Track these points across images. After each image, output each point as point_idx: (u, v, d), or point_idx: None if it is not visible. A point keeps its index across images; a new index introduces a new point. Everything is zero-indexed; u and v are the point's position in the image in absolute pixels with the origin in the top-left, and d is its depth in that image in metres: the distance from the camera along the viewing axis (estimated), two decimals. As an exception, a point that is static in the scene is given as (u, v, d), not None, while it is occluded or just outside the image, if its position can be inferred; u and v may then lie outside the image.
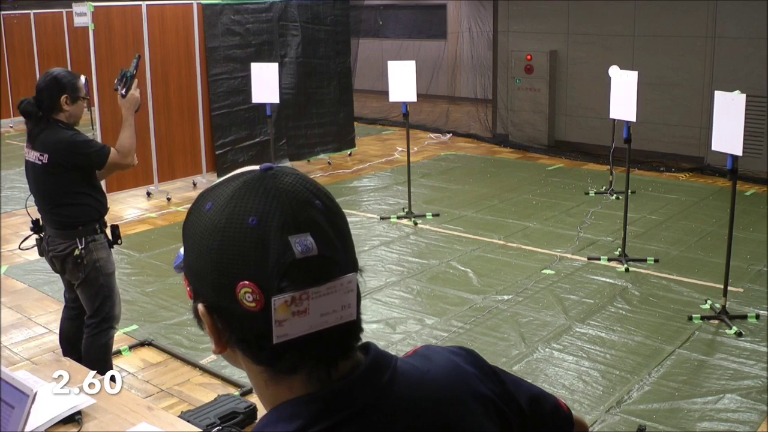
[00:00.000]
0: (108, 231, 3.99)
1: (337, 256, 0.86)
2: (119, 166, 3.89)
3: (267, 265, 0.82)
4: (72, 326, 4.15)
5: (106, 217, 3.98)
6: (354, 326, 0.89)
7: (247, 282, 0.82)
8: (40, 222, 3.92)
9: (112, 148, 3.82)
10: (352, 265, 0.89)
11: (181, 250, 0.93)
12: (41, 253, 3.99)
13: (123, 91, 3.86)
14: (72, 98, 3.78)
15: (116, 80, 3.89)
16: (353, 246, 0.93)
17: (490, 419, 0.99)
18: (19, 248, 4.10)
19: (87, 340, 3.97)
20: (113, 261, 4.02)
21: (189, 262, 0.90)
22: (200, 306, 0.88)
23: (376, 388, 0.89)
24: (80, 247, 3.79)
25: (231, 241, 0.83)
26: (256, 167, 0.90)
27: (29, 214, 3.99)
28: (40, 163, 3.76)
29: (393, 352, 0.99)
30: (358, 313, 0.89)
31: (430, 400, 0.94)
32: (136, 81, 3.91)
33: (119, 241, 4.05)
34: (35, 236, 3.96)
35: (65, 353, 4.15)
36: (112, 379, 2.59)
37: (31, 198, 3.97)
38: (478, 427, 0.97)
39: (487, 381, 1.04)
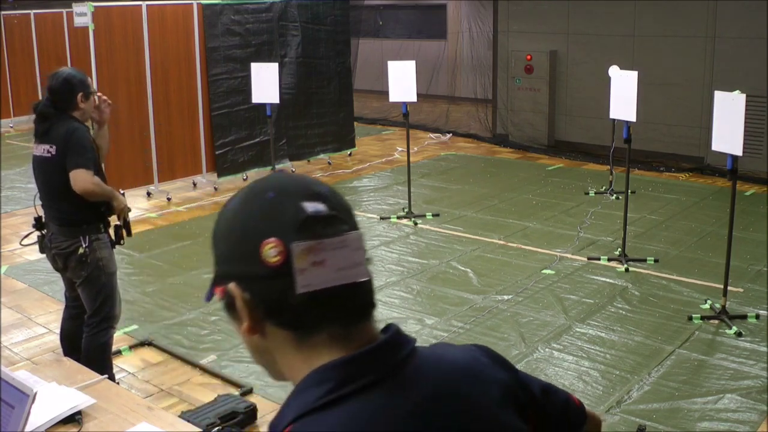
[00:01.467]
0: (111, 231, 3.99)
1: (344, 217, 0.97)
2: (83, 188, 3.74)
3: (285, 223, 0.93)
4: (72, 325, 4.15)
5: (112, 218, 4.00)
6: (367, 289, 0.97)
7: (268, 239, 0.92)
8: (43, 219, 3.93)
9: (88, 173, 3.74)
10: (357, 229, 0.99)
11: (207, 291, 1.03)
12: (42, 250, 4.00)
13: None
14: (86, 95, 3.87)
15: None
16: (356, 222, 1.01)
17: (505, 402, 1.05)
18: (21, 244, 4.10)
19: (87, 339, 3.98)
20: (115, 261, 4.03)
21: (217, 254, 1.00)
22: (231, 285, 0.96)
23: (397, 357, 0.96)
24: (84, 246, 3.80)
25: (252, 212, 0.95)
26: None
27: (36, 211, 4.00)
28: (48, 155, 3.79)
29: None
30: (370, 286, 0.98)
31: (448, 376, 1.00)
32: None
33: (122, 242, 4.05)
34: (37, 233, 3.97)
35: (66, 352, 4.15)
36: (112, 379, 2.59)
37: (38, 195, 3.99)
38: (495, 406, 1.02)
39: (501, 369, 1.09)
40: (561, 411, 1.18)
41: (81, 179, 3.72)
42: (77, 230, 3.83)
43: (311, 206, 0.94)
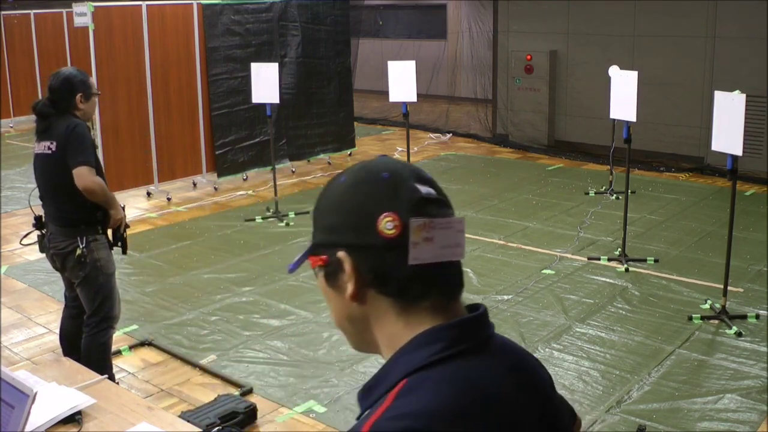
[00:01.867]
0: (109, 232, 3.99)
1: (448, 203, 1.08)
2: (84, 185, 3.73)
3: (401, 201, 1.02)
4: (72, 325, 4.15)
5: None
6: (460, 269, 1.08)
7: (387, 212, 1.01)
8: (43, 218, 3.93)
9: (91, 171, 3.74)
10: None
11: (295, 259, 1.11)
12: (42, 250, 4.00)
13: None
14: (86, 95, 3.87)
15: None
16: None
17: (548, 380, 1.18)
18: (21, 243, 4.10)
19: (86, 339, 3.98)
20: (114, 261, 4.04)
21: (324, 222, 1.08)
22: (341, 253, 1.04)
23: (489, 330, 1.08)
24: (81, 246, 3.80)
25: (371, 188, 1.04)
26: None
27: (33, 210, 4.00)
28: (49, 152, 3.79)
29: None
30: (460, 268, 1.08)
31: (522, 355, 1.15)
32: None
33: (119, 244, 4.05)
34: (37, 233, 3.97)
35: (65, 352, 4.16)
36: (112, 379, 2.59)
37: (35, 194, 3.98)
38: (550, 389, 1.16)
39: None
40: (562, 406, 1.23)
41: (84, 176, 3.71)
42: (75, 230, 3.83)
43: (424, 189, 1.04)
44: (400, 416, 0.94)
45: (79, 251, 3.80)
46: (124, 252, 4.12)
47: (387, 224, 1.00)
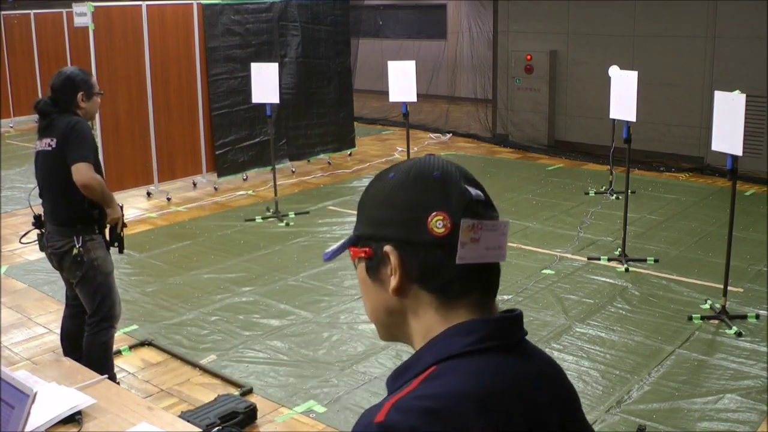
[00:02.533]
0: (107, 232, 3.99)
1: (494, 206, 1.11)
2: (82, 181, 3.70)
3: (452, 201, 1.05)
4: (73, 324, 4.15)
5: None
6: (499, 271, 1.10)
7: (437, 212, 1.03)
8: (42, 218, 3.94)
9: (89, 167, 3.73)
10: None
11: (331, 248, 1.12)
12: (42, 249, 4.00)
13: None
14: (87, 95, 3.87)
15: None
16: None
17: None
18: (20, 242, 4.10)
19: (87, 339, 3.98)
20: (111, 260, 4.03)
21: (371, 216, 1.09)
22: (387, 247, 1.05)
23: (522, 331, 1.09)
24: (77, 245, 3.80)
25: (422, 186, 1.06)
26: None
27: (33, 209, 4.00)
28: (49, 148, 3.79)
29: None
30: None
31: (553, 365, 1.15)
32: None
33: (115, 244, 4.03)
34: (36, 231, 3.97)
35: (66, 351, 4.16)
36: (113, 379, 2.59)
37: (35, 192, 3.98)
38: (576, 406, 1.16)
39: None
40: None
41: (82, 172, 3.70)
42: (72, 230, 3.83)
43: (473, 191, 1.08)
44: (424, 397, 0.96)
45: (75, 251, 3.80)
46: (121, 251, 4.11)
47: (437, 222, 1.03)
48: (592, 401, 4.10)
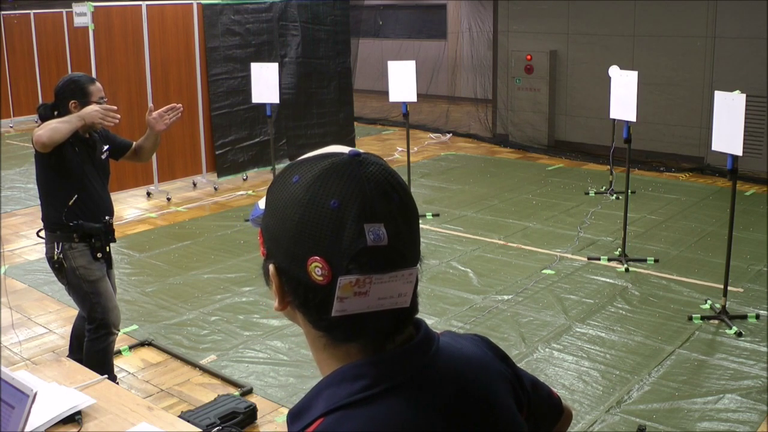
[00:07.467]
0: (93, 241, 3.84)
1: (404, 249, 0.93)
2: (36, 141, 3.57)
3: (340, 247, 0.89)
4: (83, 324, 4.15)
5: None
6: (407, 312, 0.96)
7: (318, 258, 0.89)
8: None
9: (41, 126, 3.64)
10: (416, 258, 0.97)
11: (260, 203, 1.00)
12: None
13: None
14: (81, 103, 3.75)
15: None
16: (419, 239, 0.99)
17: (509, 395, 1.09)
18: (37, 235, 4.06)
19: (86, 344, 3.98)
20: (98, 268, 3.89)
21: (268, 224, 0.96)
22: (271, 266, 0.95)
23: (426, 356, 0.98)
24: (57, 251, 3.79)
25: (311, 217, 0.90)
26: (345, 149, 0.96)
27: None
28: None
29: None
30: (414, 299, 0.97)
31: (469, 371, 1.03)
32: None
33: (99, 255, 3.84)
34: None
35: (71, 349, 4.18)
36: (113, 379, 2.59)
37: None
38: (504, 400, 1.07)
39: (502, 362, 1.14)
40: (545, 405, 1.22)
41: (34, 133, 3.56)
42: (53, 236, 3.81)
43: (373, 233, 0.89)
44: None
45: (55, 257, 3.79)
46: (110, 267, 3.98)
47: (316, 269, 0.90)
48: (592, 401, 4.10)
